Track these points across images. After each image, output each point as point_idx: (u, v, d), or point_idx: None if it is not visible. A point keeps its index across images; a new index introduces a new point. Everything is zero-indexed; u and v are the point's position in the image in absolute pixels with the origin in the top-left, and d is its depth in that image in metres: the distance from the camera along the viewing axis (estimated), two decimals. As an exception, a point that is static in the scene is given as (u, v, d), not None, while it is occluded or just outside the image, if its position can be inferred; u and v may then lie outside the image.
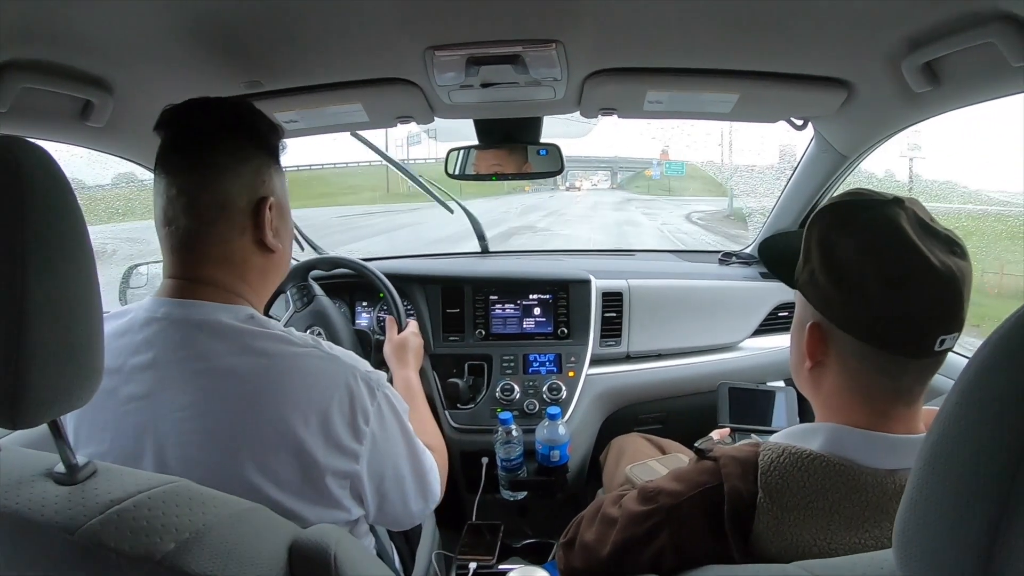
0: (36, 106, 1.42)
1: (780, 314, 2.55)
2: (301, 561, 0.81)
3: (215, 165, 1.12)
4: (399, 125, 2.07)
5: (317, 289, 2.17)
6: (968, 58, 1.32)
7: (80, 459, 0.82)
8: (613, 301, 2.49)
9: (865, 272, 0.93)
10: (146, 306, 1.12)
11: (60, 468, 0.81)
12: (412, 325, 2.08)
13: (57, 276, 0.75)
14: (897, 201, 0.97)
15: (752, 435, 1.71)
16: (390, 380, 1.35)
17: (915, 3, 1.26)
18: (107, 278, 2.58)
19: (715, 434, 1.66)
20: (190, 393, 1.04)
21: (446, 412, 2.35)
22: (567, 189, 53.86)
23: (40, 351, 0.73)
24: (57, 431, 0.80)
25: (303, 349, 1.10)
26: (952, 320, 0.92)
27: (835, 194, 1.12)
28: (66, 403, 0.78)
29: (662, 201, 46.02)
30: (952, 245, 0.94)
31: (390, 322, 2.06)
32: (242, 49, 1.51)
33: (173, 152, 1.13)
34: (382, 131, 2.31)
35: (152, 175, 1.16)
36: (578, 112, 1.99)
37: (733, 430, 1.77)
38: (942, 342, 0.92)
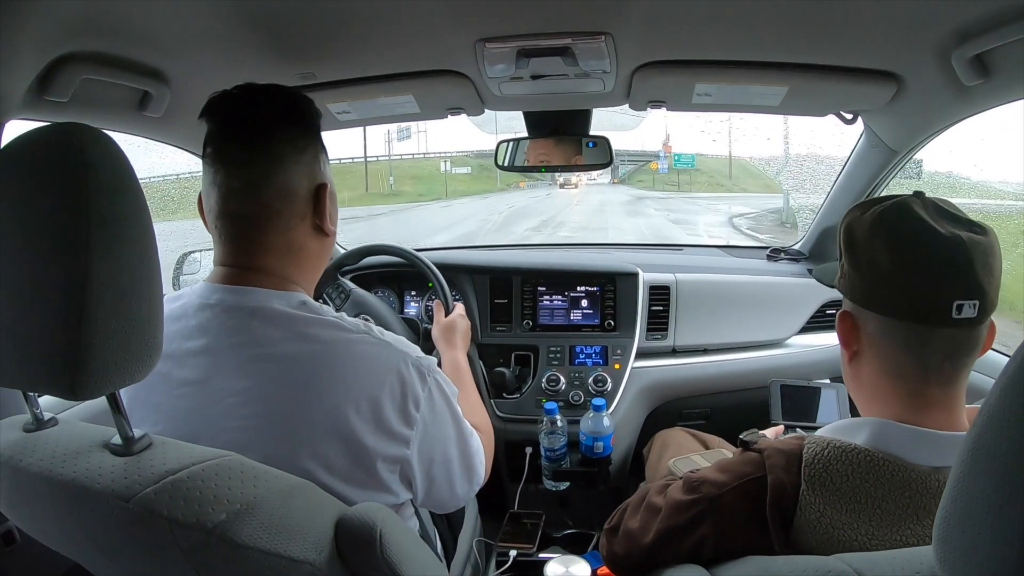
0: (96, 97, 1.46)
1: (828, 311, 2.50)
2: (347, 537, 0.84)
3: (277, 156, 1.12)
4: (450, 116, 2.09)
5: (349, 284, 2.18)
6: (1018, 50, 1.31)
7: (136, 432, 0.85)
8: (660, 295, 2.48)
9: (876, 245, 0.99)
10: (199, 292, 1.14)
11: (116, 440, 0.85)
12: (459, 308, 2.10)
13: (119, 255, 0.77)
14: (917, 194, 1.02)
15: (798, 429, 1.70)
16: (439, 363, 1.36)
17: None
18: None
19: (770, 432, 1.65)
20: (243, 379, 1.06)
21: (492, 401, 2.36)
22: (562, 186, 49.28)
23: (101, 327, 0.75)
24: (115, 404, 0.83)
25: (355, 335, 1.11)
26: (964, 285, 0.93)
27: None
28: (125, 377, 0.81)
29: (679, 199, 41.69)
30: (971, 225, 0.97)
31: (437, 306, 2.09)
32: (296, 41, 1.55)
33: (231, 143, 1.13)
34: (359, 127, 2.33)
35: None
36: (627, 105, 1.99)
37: (786, 428, 1.76)
38: (959, 308, 0.93)
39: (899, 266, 0.96)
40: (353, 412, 1.05)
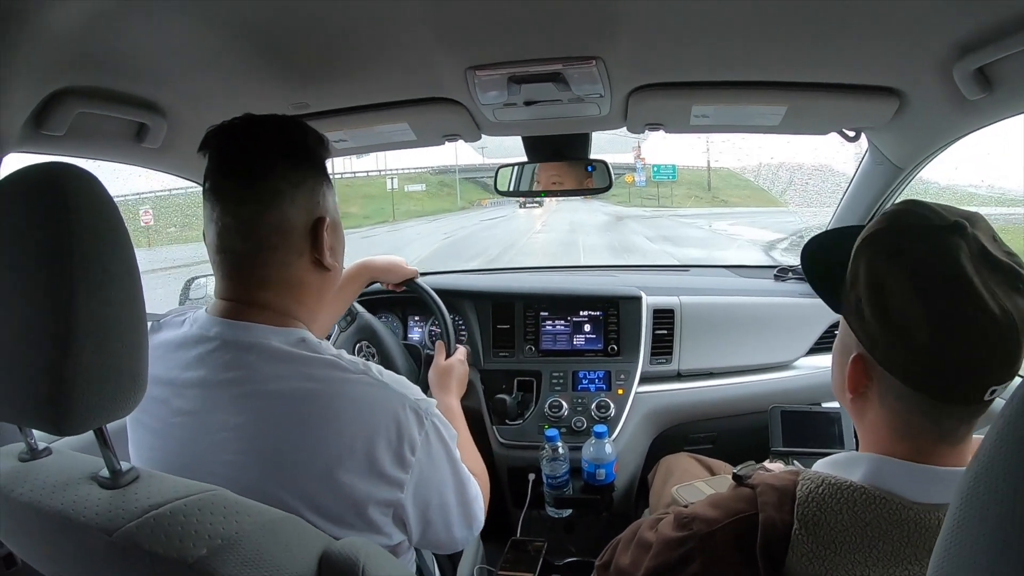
0: (93, 130, 1.48)
1: (836, 332, 2.46)
2: (330, 573, 0.83)
3: (272, 192, 1.11)
4: (447, 143, 2.10)
5: (357, 307, 2.17)
6: (1020, 62, 1.28)
7: (124, 465, 0.86)
8: (664, 318, 2.46)
9: (914, 314, 0.86)
10: (200, 322, 1.14)
11: (105, 472, 0.85)
12: (461, 351, 2.04)
13: (103, 295, 0.78)
14: (958, 227, 0.88)
15: (795, 461, 1.67)
16: None
17: (964, 6, 1.22)
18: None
19: (771, 466, 1.62)
20: (236, 415, 1.05)
21: (494, 428, 2.35)
22: (523, 205, 42.48)
23: (85, 365, 0.77)
24: (102, 438, 0.84)
25: (353, 375, 1.09)
26: (1007, 370, 0.85)
27: (888, 207, 1.03)
28: (109, 413, 0.82)
29: (666, 218, 36.00)
30: (1016, 280, 0.86)
31: (439, 347, 2.03)
32: (289, 73, 1.56)
33: (226, 179, 1.12)
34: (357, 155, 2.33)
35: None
36: (625, 128, 1.99)
37: (785, 455, 1.73)
38: (992, 392, 0.86)
39: (939, 346, 0.86)
40: (347, 455, 1.04)
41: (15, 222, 0.79)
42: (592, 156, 2.21)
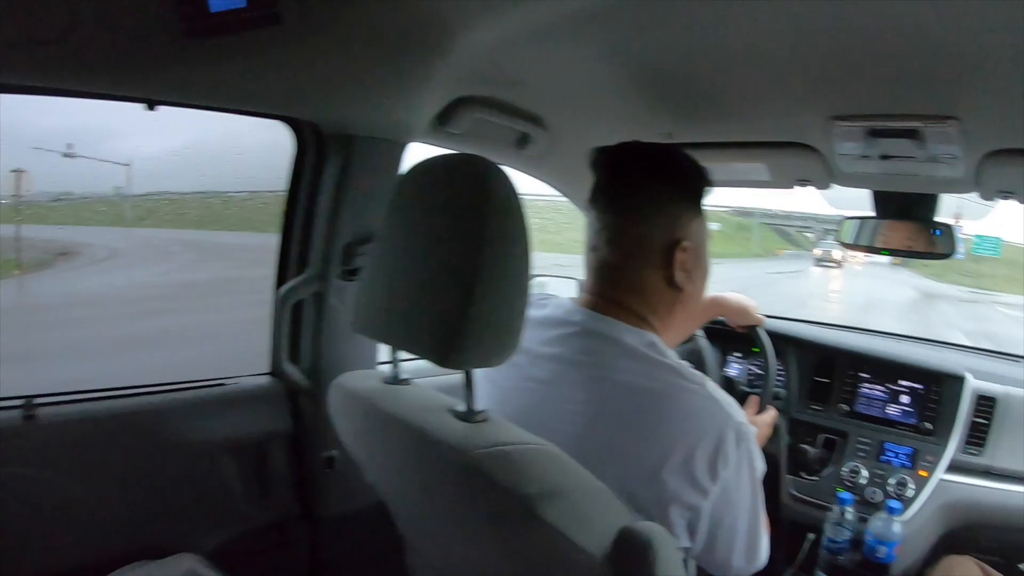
0: (483, 132, 1.80)
1: None
2: (625, 545, 0.92)
3: (636, 208, 1.25)
4: (797, 188, 2.15)
5: (698, 331, 2.22)
6: None
7: (478, 407, 1.00)
8: (985, 406, 2.27)
9: None
10: (565, 307, 1.30)
11: (461, 408, 1.00)
12: (770, 414, 2.03)
13: (502, 265, 0.94)
14: None
15: None
16: None
17: None
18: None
19: None
20: (583, 392, 1.19)
21: (788, 478, 2.34)
22: (819, 262, 37.30)
23: (480, 318, 0.92)
24: (469, 380, 0.99)
25: (691, 385, 1.16)
26: None
27: None
28: (484, 360, 0.97)
29: (987, 304, 26.81)
30: None
31: (752, 400, 2.04)
32: (661, 104, 1.76)
33: (603, 191, 1.29)
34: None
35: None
36: (976, 193, 1.92)
37: None
38: None
39: None
40: (669, 455, 1.12)
41: (436, 192, 0.99)
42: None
